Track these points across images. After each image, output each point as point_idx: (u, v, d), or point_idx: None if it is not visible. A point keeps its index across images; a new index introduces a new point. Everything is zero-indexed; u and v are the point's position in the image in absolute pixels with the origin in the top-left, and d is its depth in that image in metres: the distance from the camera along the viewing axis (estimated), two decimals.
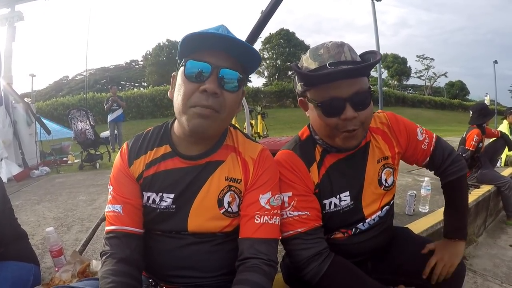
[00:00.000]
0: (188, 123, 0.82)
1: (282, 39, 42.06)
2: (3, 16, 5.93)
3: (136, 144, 0.96)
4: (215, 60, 0.80)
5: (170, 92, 0.91)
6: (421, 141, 1.14)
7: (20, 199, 3.60)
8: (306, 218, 1.00)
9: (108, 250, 0.87)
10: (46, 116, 12.50)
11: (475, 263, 2.49)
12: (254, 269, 0.83)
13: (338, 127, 0.94)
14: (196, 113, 0.81)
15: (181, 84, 0.82)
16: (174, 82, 0.89)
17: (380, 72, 13.30)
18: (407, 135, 1.13)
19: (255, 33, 1.67)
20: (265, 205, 0.91)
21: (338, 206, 1.07)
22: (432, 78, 52.73)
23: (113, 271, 0.82)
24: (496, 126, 7.11)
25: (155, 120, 16.91)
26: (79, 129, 6.25)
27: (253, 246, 0.87)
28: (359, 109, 0.91)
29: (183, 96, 0.81)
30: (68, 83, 46.37)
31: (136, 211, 0.92)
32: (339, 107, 0.90)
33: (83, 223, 2.63)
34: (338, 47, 0.91)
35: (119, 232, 0.88)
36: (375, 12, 11.67)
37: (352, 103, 0.90)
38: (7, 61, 5.80)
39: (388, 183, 1.12)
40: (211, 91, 0.79)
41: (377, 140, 1.12)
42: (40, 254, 1.91)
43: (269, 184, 0.93)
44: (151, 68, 38.82)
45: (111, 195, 0.92)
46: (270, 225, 0.90)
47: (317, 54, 0.92)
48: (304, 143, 1.10)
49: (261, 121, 9.24)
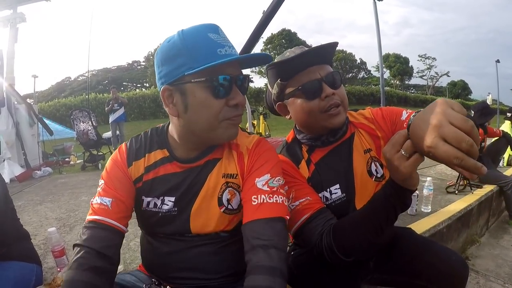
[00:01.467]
0: (223, 135, 0.84)
1: (284, 39, 42.12)
2: (6, 18, 5.95)
3: (135, 146, 0.94)
4: (231, 69, 0.79)
5: (169, 109, 0.83)
6: (404, 120, 1.09)
7: (22, 199, 3.62)
8: (308, 203, 0.99)
9: (85, 241, 0.80)
10: (48, 117, 12.57)
11: (477, 264, 2.47)
12: (251, 271, 0.75)
13: (321, 108, 1.00)
14: (232, 124, 0.82)
15: (206, 101, 0.77)
16: (167, 96, 0.81)
17: (382, 72, 13.27)
18: (389, 118, 1.12)
19: (257, 33, 1.68)
20: (262, 187, 0.84)
21: (329, 199, 1.07)
22: (434, 77, 52.73)
23: (82, 263, 0.77)
24: (498, 126, 7.09)
25: (157, 120, 16.94)
26: (81, 130, 6.28)
27: (253, 229, 0.80)
28: (334, 87, 1.00)
29: (213, 113, 0.79)
30: (70, 84, 46.59)
31: (125, 210, 0.88)
32: (318, 87, 0.99)
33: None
34: (300, 48, 1.04)
35: (102, 223, 0.83)
36: (377, 12, 11.65)
37: (327, 82, 0.99)
38: (10, 62, 5.83)
39: (379, 174, 1.12)
40: (243, 105, 0.81)
41: (361, 133, 1.14)
42: (42, 254, 1.92)
43: (266, 167, 0.88)
44: (153, 69, 38.68)
45: (101, 188, 0.88)
46: (270, 204, 0.82)
47: (284, 56, 1.05)
48: (290, 145, 1.16)
49: (263, 122, 9.25)
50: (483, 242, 2.89)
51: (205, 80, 0.76)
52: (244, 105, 0.82)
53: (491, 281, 2.21)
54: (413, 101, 31.17)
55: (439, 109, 0.59)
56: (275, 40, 41.92)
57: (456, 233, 2.47)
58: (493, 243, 2.91)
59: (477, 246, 2.79)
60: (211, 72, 0.75)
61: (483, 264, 2.47)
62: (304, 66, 1.00)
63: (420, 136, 0.61)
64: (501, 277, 2.27)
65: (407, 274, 1.17)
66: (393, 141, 0.71)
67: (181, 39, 0.76)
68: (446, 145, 0.55)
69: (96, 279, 0.77)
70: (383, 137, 1.13)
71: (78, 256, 0.78)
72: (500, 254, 2.65)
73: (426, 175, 3.58)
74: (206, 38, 0.76)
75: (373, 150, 1.13)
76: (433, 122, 0.58)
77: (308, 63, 1.01)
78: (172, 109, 0.82)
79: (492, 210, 3.23)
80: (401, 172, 0.71)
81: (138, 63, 51.27)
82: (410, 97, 32.64)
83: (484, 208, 3.03)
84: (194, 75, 0.76)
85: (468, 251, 2.66)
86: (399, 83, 51.07)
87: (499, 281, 2.21)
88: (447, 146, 0.55)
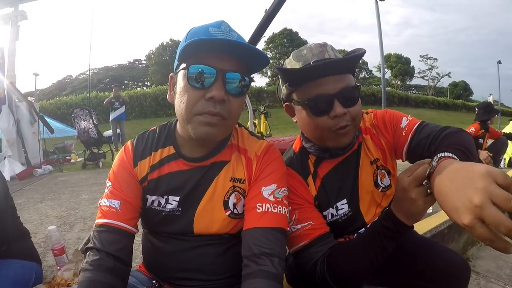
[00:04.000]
0: (195, 131, 0.78)
1: (285, 38, 42.15)
2: (7, 15, 5.95)
3: (140, 144, 0.93)
4: (220, 63, 0.75)
5: (169, 95, 0.87)
6: (402, 128, 1.03)
7: (23, 197, 3.62)
8: (310, 228, 0.96)
9: (98, 244, 0.81)
10: (49, 115, 12.58)
11: (478, 265, 2.46)
12: (257, 274, 0.75)
13: (329, 127, 0.90)
14: (203, 121, 0.77)
15: (184, 90, 0.77)
16: (172, 84, 0.85)
17: (383, 72, 13.25)
18: (391, 124, 1.07)
19: (259, 32, 1.66)
20: (268, 196, 0.84)
21: (335, 216, 1.04)
22: (436, 78, 52.72)
23: (98, 265, 0.77)
24: (500, 127, 7.08)
25: (158, 119, 16.94)
26: (82, 128, 6.28)
27: (256, 237, 0.80)
28: (348, 105, 0.89)
29: (187, 103, 0.76)
30: (72, 82, 46.68)
31: (134, 211, 0.88)
32: (328, 104, 0.87)
33: (85, 221, 2.64)
34: (321, 47, 0.91)
35: (112, 227, 0.83)
36: (379, 12, 11.63)
37: (340, 99, 0.87)
38: (11, 60, 5.83)
39: (385, 184, 1.10)
40: (219, 99, 0.75)
41: (367, 141, 1.09)
42: (42, 253, 1.92)
43: (274, 177, 0.87)
44: (154, 67, 38.99)
45: (109, 190, 0.88)
46: (274, 213, 0.83)
47: (300, 55, 0.92)
48: (298, 156, 1.08)
49: (264, 121, 9.26)
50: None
51: (184, 67, 0.77)
52: (223, 103, 0.76)
53: (491, 282, 2.21)
54: (414, 102, 31.14)
55: (482, 185, 0.51)
56: (277, 39, 41.91)
57: (457, 234, 2.46)
58: None
59: (478, 247, 2.78)
60: (195, 60, 0.75)
61: (484, 265, 2.46)
62: (317, 75, 0.88)
63: (453, 207, 0.55)
64: (502, 279, 2.26)
65: (409, 275, 1.16)
66: (416, 175, 0.69)
67: (187, 33, 0.80)
68: (484, 228, 0.51)
69: (114, 280, 0.78)
70: (385, 143, 1.09)
71: (94, 259, 0.79)
72: (501, 255, 2.63)
73: None
74: (204, 29, 0.78)
75: (381, 159, 1.09)
76: (475, 201, 0.51)
77: (322, 73, 0.87)
78: (170, 95, 0.86)
79: None
80: (418, 206, 0.69)
81: (139, 61, 51.38)
82: (411, 97, 32.59)
83: None
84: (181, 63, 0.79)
85: (469, 252, 2.66)
86: (400, 83, 51.05)
87: (500, 283, 2.20)
88: (484, 229, 0.51)
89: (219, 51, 0.76)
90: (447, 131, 0.92)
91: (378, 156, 1.09)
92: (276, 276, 0.76)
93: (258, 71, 0.93)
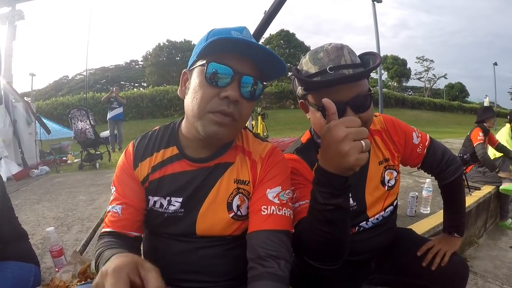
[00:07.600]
0: (204, 129, 0.78)
1: (282, 40, 42.07)
2: (4, 15, 5.90)
3: (142, 145, 0.93)
4: (239, 65, 0.76)
5: (180, 90, 0.87)
6: (416, 144, 1.16)
7: (19, 198, 3.59)
8: (307, 207, 0.91)
9: (105, 246, 0.81)
10: (46, 115, 12.48)
11: (475, 265, 2.48)
12: (264, 276, 0.75)
13: None
14: (214, 120, 0.77)
15: (199, 86, 0.77)
16: (184, 79, 0.85)
17: (380, 74, 13.32)
18: (404, 139, 1.15)
19: (258, 34, 1.67)
20: (273, 199, 0.85)
21: None
22: (432, 79, 53.02)
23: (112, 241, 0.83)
24: (496, 128, 7.12)
25: (155, 120, 16.90)
26: (79, 129, 6.23)
27: (261, 239, 0.80)
28: (360, 111, 0.91)
29: (201, 100, 0.77)
30: (68, 82, 46.43)
31: (137, 214, 0.89)
32: (340, 110, 0.87)
33: (83, 223, 2.62)
34: (337, 50, 0.91)
35: (116, 234, 0.87)
36: (376, 13, 11.66)
37: (352, 106, 0.90)
38: (7, 60, 5.78)
39: (391, 183, 1.12)
40: (233, 99, 0.76)
41: (377, 141, 1.12)
42: (40, 254, 1.90)
43: (279, 179, 0.88)
44: (151, 68, 38.73)
45: (113, 195, 0.90)
46: (279, 216, 0.83)
47: (317, 58, 0.92)
48: (305, 146, 1.09)
49: (261, 122, 9.24)
50: (481, 243, 2.91)
51: (203, 64, 0.77)
52: (236, 104, 0.77)
53: (489, 282, 2.23)
54: (410, 103, 31.25)
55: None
56: (274, 40, 41.87)
57: None
58: (491, 244, 2.93)
59: (475, 247, 2.80)
60: (215, 59, 0.76)
61: (481, 265, 2.48)
62: (332, 85, 0.89)
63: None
64: (499, 278, 2.28)
65: (408, 274, 1.17)
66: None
67: (208, 33, 0.81)
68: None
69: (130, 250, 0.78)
70: (394, 148, 1.14)
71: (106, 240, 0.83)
72: (498, 256, 2.66)
73: (424, 176, 3.58)
74: (227, 32, 0.78)
75: (390, 159, 1.13)
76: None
77: (337, 82, 0.89)
78: (182, 90, 0.87)
79: (490, 211, 3.25)
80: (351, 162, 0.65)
81: (136, 62, 51.12)
82: (407, 99, 32.68)
83: (482, 210, 3.04)
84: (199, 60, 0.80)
85: (467, 252, 2.68)
86: (396, 85, 51.23)
87: (497, 282, 2.22)
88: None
89: (241, 54, 0.77)
90: (447, 172, 1.19)
91: (388, 157, 1.13)
92: (284, 279, 0.75)
93: (273, 79, 0.93)
